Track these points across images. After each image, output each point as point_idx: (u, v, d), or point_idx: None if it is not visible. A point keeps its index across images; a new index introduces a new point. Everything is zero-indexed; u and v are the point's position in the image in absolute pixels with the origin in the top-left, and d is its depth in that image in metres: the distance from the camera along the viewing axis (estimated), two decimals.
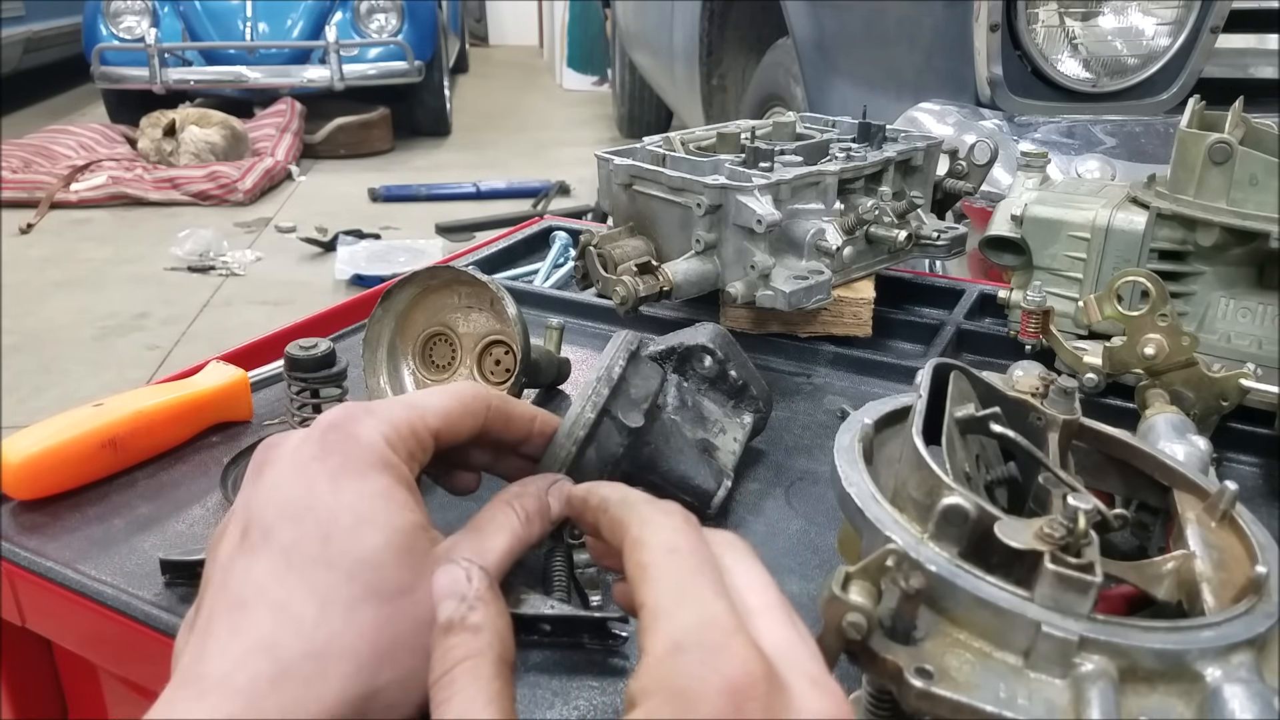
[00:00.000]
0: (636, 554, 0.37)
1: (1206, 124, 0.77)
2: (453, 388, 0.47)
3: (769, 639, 0.34)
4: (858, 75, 1.88)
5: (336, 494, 0.39)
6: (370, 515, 0.39)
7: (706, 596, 0.34)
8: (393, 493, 0.41)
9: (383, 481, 0.41)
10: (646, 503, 0.40)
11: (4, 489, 0.62)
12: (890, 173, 0.87)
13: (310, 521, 0.39)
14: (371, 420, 0.42)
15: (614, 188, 0.82)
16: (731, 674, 0.31)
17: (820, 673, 0.33)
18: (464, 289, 0.73)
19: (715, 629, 0.32)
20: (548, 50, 8.70)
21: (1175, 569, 0.43)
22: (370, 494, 0.40)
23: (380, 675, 0.38)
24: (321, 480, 0.40)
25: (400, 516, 0.40)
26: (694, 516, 0.39)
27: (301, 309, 2.88)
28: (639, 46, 4.44)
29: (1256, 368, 0.67)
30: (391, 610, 0.38)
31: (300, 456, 0.41)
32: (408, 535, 0.40)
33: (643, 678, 0.32)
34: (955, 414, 0.47)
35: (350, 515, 0.39)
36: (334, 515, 0.39)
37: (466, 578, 0.38)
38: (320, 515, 0.39)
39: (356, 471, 0.40)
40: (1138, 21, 1.46)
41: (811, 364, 0.84)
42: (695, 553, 0.36)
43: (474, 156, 5.24)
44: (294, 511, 0.39)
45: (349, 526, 0.39)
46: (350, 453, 0.41)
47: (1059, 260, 0.80)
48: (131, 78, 4.93)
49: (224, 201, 4.24)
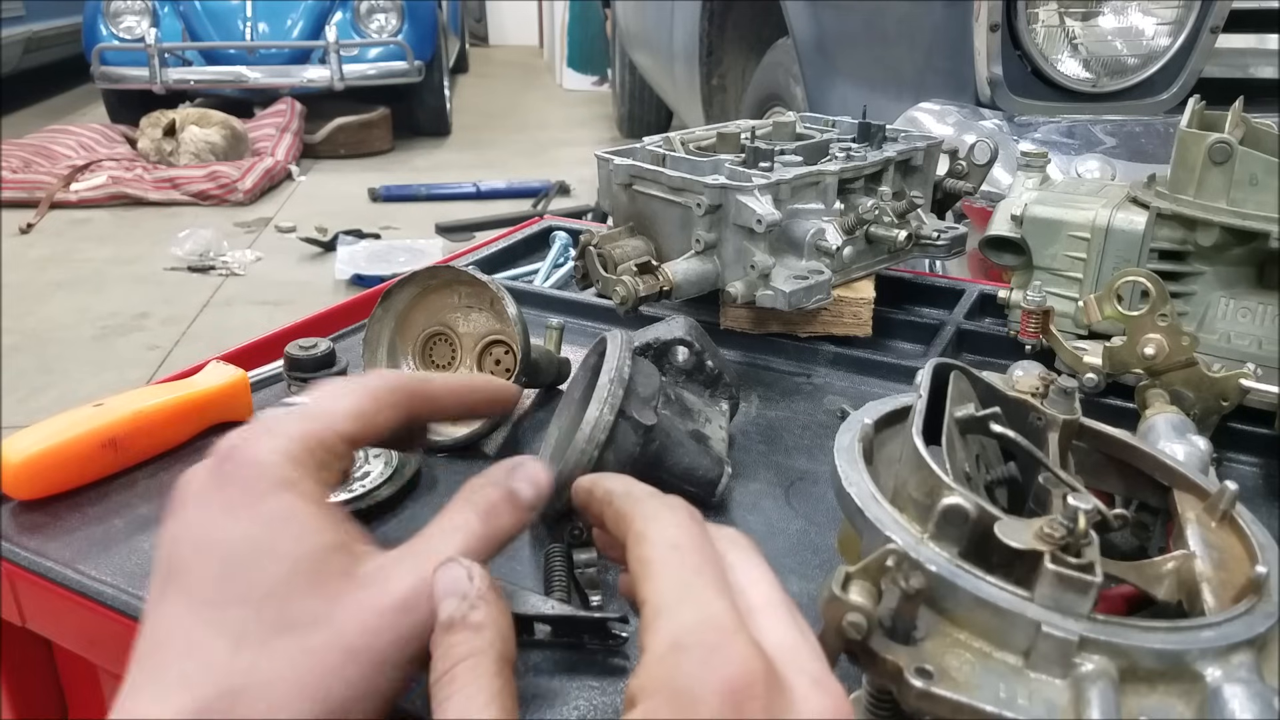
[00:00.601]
0: (639, 549, 0.37)
1: (1206, 124, 0.77)
2: (365, 381, 0.45)
3: (771, 637, 0.34)
4: (858, 75, 1.88)
5: (234, 525, 0.38)
6: (270, 544, 0.38)
7: (708, 595, 0.34)
8: (295, 516, 0.39)
9: (283, 505, 0.39)
10: (651, 497, 0.40)
11: (4, 489, 0.62)
12: (890, 173, 0.87)
13: (212, 558, 0.38)
14: (269, 440, 0.40)
15: (614, 188, 0.82)
16: (732, 674, 0.31)
17: (822, 672, 0.33)
18: (464, 289, 0.73)
19: (716, 628, 0.32)
20: (548, 50, 8.71)
21: (1175, 569, 0.43)
22: (269, 521, 0.38)
23: (307, 709, 0.36)
24: (219, 513, 0.38)
25: (304, 541, 0.38)
26: (698, 512, 0.39)
27: (301, 309, 2.88)
28: (639, 46, 4.44)
29: (1256, 368, 0.67)
30: (308, 641, 0.36)
31: (201, 491, 0.40)
32: (315, 560, 0.38)
33: (642, 676, 0.32)
34: (955, 414, 0.47)
35: (249, 547, 0.38)
36: (233, 549, 0.38)
37: (468, 576, 0.38)
38: (221, 550, 0.38)
39: (254, 499, 0.38)
40: (1138, 21, 1.46)
41: (811, 364, 0.84)
42: (698, 550, 0.36)
43: (474, 156, 5.24)
44: (196, 549, 0.38)
45: (249, 559, 0.37)
46: (247, 480, 0.39)
47: (1059, 260, 0.80)
48: (131, 78, 4.93)
49: (224, 201, 4.24)
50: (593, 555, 0.55)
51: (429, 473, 0.66)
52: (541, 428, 0.71)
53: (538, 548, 0.58)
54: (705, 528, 0.38)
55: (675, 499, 0.39)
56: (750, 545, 0.39)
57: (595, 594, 0.53)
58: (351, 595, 0.37)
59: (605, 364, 0.57)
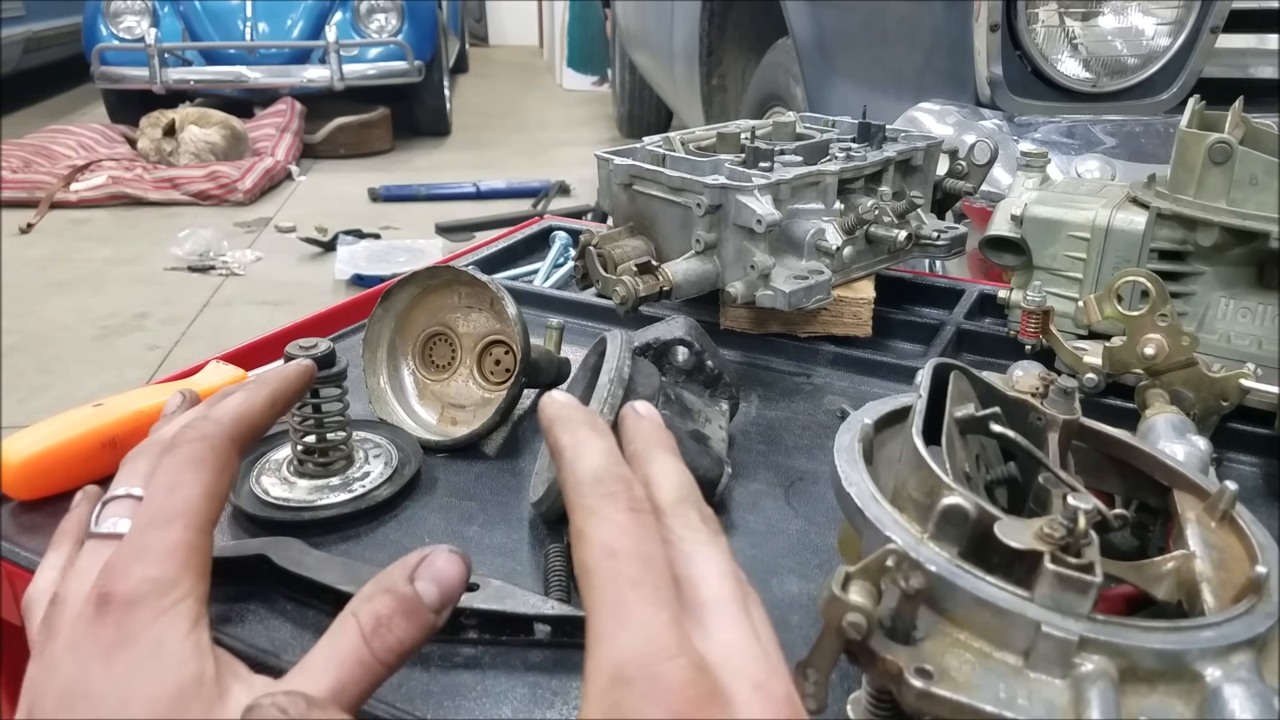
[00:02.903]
0: (578, 549, 0.36)
1: (1206, 124, 0.77)
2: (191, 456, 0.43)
3: (716, 640, 0.33)
4: (858, 75, 1.88)
5: (105, 672, 0.37)
6: (135, 690, 0.37)
7: (647, 612, 0.33)
8: (161, 655, 0.37)
9: (151, 643, 0.37)
10: (593, 481, 0.37)
11: (4, 489, 0.62)
12: (890, 173, 0.87)
13: (82, 708, 0.37)
14: (139, 570, 0.39)
15: (614, 188, 0.82)
16: (672, 703, 0.31)
17: (765, 673, 0.33)
18: (464, 289, 0.73)
19: (655, 653, 0.32)
20: (548, 50, 8.70)
21: (1175, 569, 0.43)
22: (136, 663, 0.37)
23: None
24: (92, 660, 0.38)
25: (168, 679, 0.37)
26: (644, 496, 0.37)
27: (301, 309, 2.88)
28: (639, 46, 4.44)
29: (1256, 368, 0.67)
30: None
31: (75, 632, 0.39)
32: (178, 699, 0.37)
33: (587, 708, 0.32)
34: (955, 414, 0.47)
35: (116, 696, 0.37)
36: (102, 698, 0.37)
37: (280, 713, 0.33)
38: (91, 701, 0.37)
39: (126, 641, 0.37)
40: (1138, 21, 1.46)
41: (811, 364, 0.84)
42: (636, 555, 0.34)
43: (474, 156, 5.24)
44: (59, 701, 0.37)
45: (115, 707, 0.36)
46: (122, 622, 0.38)
47: (1059, 260, 0.80)
48: (131, 78, 4.93)
49: (224, 201, 4.24)
50: None
51: (429, 473, 0.66)
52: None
53: (538, 548, 0.58)
54: (650, 520, 0.36)
55: (619, 487, 0.37)
56: (708, 530, 0.38)
57: None
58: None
59: (605, 364, 0.57)
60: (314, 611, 0.52)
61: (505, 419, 0.68)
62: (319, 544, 0.54)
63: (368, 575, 0.51)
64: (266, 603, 0.53)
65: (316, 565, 0.52)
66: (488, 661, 0.48)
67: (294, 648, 0.49)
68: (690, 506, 0.39)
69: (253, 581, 0.53)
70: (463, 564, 0.41)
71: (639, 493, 0.37)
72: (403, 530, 0.60)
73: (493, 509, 0.62)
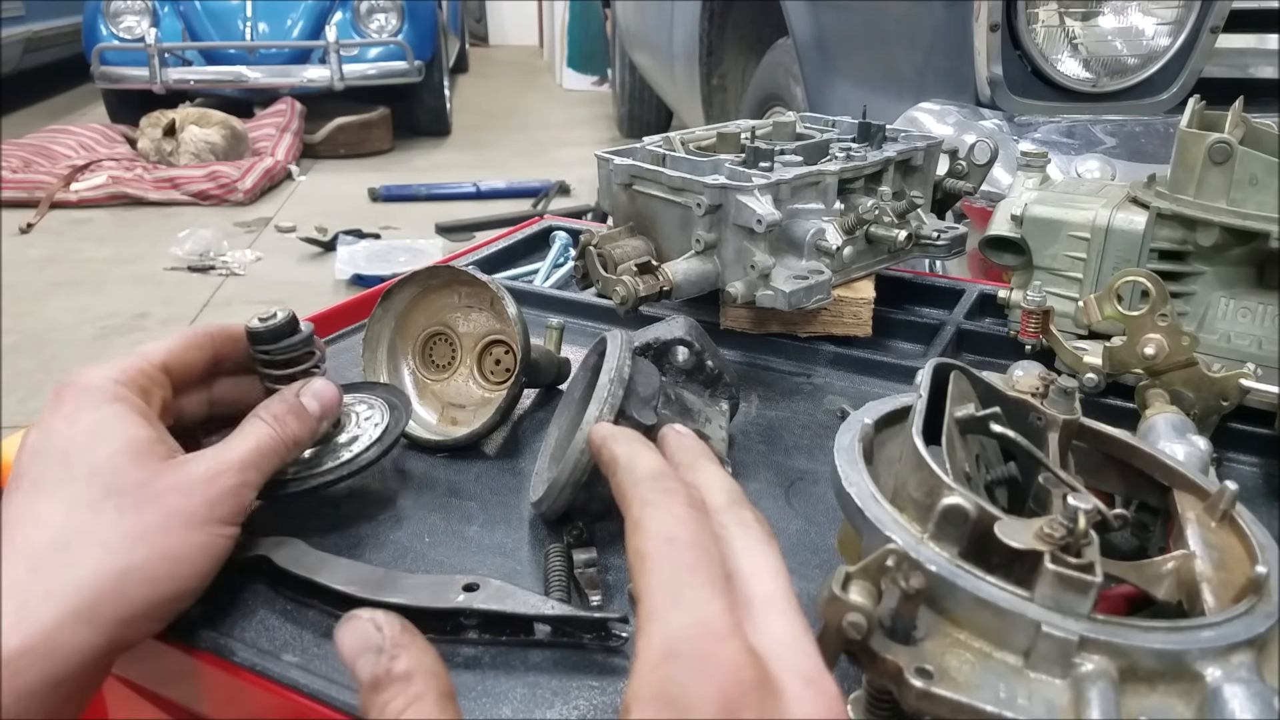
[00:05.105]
0: (635, 539, 0.36)
1: (1206, 124, 0.77)
2: (179, 330, 0.54)
3: (766, 634, 0.34)
4: (858, 75, 1.88)
5: (72, 424, 0.47)
6: (102, 430, 0.46)
7: (701, 596, 0.33)
8: (123, 414, 0.48)
9: (114, 408, 0.48)
10: (651, 478, 0.39)
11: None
12: (890, 173, 0.87)
13: (51, 450, 0.46)
14: (99, 369, 0.49)
15: (614, 188, 0.82)
16: (724, 683, 0.31)
17: (816, 670, 0.33)
18: (464, 289, 0.73)
19: (708, 634, 0.32)
20: (548, 50, 8.71)
21: (1175, 569, 0.43)
22: (102, 417, 0.47)
23: (134, 553, 0.44)
24: (58, 421, 0.47)
25: (130, 430, 0.47)
26: (699, 497, 0.38)
27: (301, 309, 2.86)
28: (639, 46, 4.44)
29: (1256, 368, 0.67)
30: (132, 500, 0.45)
31: (43, 412, 0.48)
32: (139, 443, 0.47)
33: (636, 684, 0.32)
34: (955, 414, 0.47)
35: (85, 434, 0.46)
36: (71, 438, 0.46)
37: (374, 627, 0.36)
38: (59, 442, 0.46)
39: (89, 405, 0.47)
40: (1138, 21, 1.46)
41: (811, 364, 0.84)
42: (694, 544, 0.35)
43: (474, 156, 5.24)
44: (37, 449, 0.46)
45: (85, 443, 0.46)
46: (81, 394, 0.48)
47: (1059, 260, 0.80)
48: (131, 78, 4.93)
49: (224, 201, 4.24)
50: (593, 555, 0.55)
51: (429, 473, 0.66)
52: (541, 428, 0.70)
53: (538, 548, 0.58)
54: (706, 514, 0.38)
55: (675, 484, 0.39)
56: (760, 529, 0.39)
57: (595, 594, 0.53)
58: (168, 469, 0.47)
59: (605, 364, 0.57)
60: (314, 611, 0.52)
61: (505, 419, 0.68)
62: (320, 544, 0.54)
63: (368, 575, 0.51)
64: (266, 603, 0.53)
65: (316, 565, 0.52)
66: (488, 661, 0.48)
67: (294, 648, 0.49)
68: (744, 507, 0.40)
69: (253, 581, 0.53)
70: (335, 389, 0.56)
71: (696, 494, 0.39)
72: (403, 530, 0.60)
73: (493, 509, 0.62)
